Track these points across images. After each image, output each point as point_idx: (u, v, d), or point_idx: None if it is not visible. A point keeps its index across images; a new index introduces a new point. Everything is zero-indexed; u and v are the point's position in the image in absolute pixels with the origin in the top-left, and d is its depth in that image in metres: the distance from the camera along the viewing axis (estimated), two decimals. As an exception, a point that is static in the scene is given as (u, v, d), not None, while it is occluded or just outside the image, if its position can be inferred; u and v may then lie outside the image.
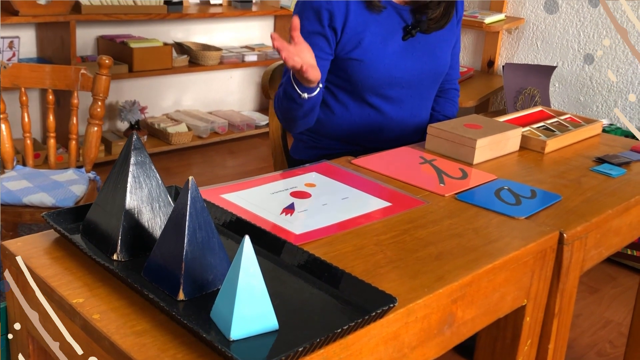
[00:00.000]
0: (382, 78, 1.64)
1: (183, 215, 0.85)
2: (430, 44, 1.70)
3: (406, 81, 1.68)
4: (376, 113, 1.69)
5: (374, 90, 1.65)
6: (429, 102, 1.79)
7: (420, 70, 1.69)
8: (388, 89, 1.66)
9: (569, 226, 1.18)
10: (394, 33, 1.65)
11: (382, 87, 1.65)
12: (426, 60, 1.69)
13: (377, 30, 1.63)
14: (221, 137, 3.96)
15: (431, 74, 1.72)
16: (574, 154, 1.61)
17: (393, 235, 1.09)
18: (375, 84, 1.64)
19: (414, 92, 1.71)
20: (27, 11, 3.02)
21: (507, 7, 3.36)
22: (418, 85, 1.71)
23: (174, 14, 3.56)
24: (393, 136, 1.72)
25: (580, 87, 3.17)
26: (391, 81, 1.65)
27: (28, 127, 2.17)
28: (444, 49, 1.74)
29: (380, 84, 1.65)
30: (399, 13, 1.66)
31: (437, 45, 1.71)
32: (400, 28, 1.66)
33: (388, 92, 1.67)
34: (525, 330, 1.17)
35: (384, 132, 1.71)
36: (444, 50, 1.74)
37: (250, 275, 0.77)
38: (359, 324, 0.81)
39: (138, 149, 0.96)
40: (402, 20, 1.66)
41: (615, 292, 2.59)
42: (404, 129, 1.72)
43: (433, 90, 1.78)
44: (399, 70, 1.65)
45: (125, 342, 0.77)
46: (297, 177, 1.32)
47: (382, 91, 1.66)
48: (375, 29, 1.62)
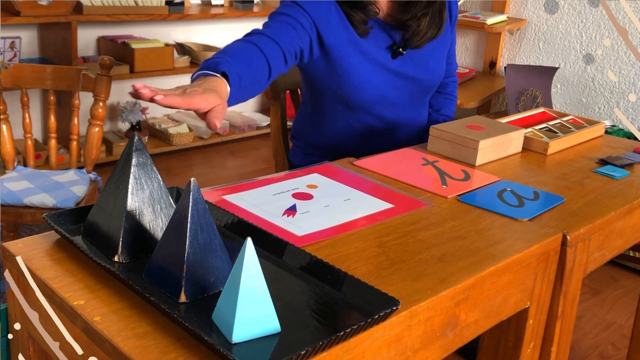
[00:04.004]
0: (374, 100, 1.60)
1: (185, 217, 0.84)
2: (423, 57, 1.63)
3: (399, 99, 1.64)
4: (368, 129, 1.65)
5: (366, 110, 1.62)
6: (424, 107, 1.75)
7: (413, 85, 1.64)
8: (380, 109, 1.62)
9: (572, 228, 1.17)
10: (383, 53, 1.59)
11: (374, 108, 1.61)
12: (420, 74, 1.63)
13: (366, 51, 1.56)
14: (222, 138, 3.96)
15: (426, 87, 1.68)
16: (576, 155, 1.60)
17: (395, 237, 1.09)
18: (367, 104, 1.60)
19: (407, 106, 1.67)
20: (28, 12, 3.02)
21: (509, 8, 3.35)
22: (411, 99, 1.67)
23: (175, 14, 3.56)
24: (386, 143, 1.67)
25: (582, 88, 3.16)
26: (383, 101, 1.61)
27: (29, 128, 2.17)
28: (437, 58, 1.67)
29: (372, 105, 1.61)
30: (386, 31, 1.59)
31: (431, 57, 1.65)
32: (389, 46, 1.59)
33: (380, 111, 1.63)
34: (528, 332, 1.17)
35: (376, 143, 1.66)
36: (437, 59, 1.67)
37: (252, 277, 0.76)
38: (362, 326, 0.81)
39: (140, 150, 0.95)
40: (389, 38, 1.59)
41: (617, 294, 2.59)
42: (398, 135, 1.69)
43: (427, 97, 1.74)
44: (391, 89, 1.61)
45: (127, 345, 0.76)
46: (298, 178, 1.31)
47: (375, 111, 1.62)
48: (364, 50, 1.55)
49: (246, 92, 1.33)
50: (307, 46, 1.51)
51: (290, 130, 1.83)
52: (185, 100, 1.00)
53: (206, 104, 1.03)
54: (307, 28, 1.49)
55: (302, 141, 1.76)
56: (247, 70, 1.33)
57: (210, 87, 1.10)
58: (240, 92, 1.28)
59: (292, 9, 1.49)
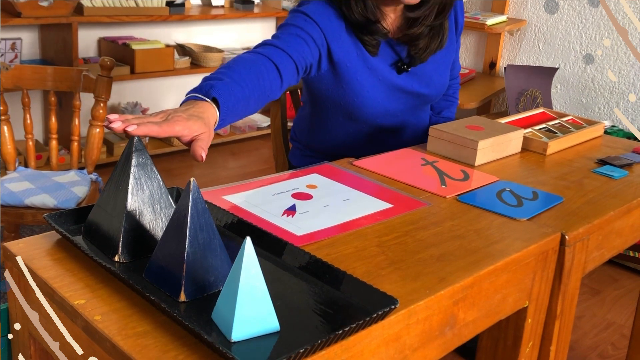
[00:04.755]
0: (378, 113, 1.60)
1: (184, 217, 0.85)
2: (427, 73, 1.63)
3: (403, 112, 1.64)
4: (370, 137, 1.66)
5: (369, 122, 1.62)
6: (426, 112, 1.76)
7: (417, 99, 1.65)
8: (384, 120, 1.63)
9: (571, 228, 1.18)
10: (388, 69, 1.58)
11: (378, 120, 1.62)
12: (424, 89, 1.64)
13: (372, 66, 1.55)
14: (223, 139, 3.96)
15: (429, 100, 1.69)
16: (575, 155, 1.60)
17: (394, 237, 1.09)
18: (371, 118, 1.61)
19: (411, 116, 1.68)
20: (29, 13, 3.03)
21: (509, 8, 3.36)
22: (414, 109, 1.68)
23: (175, 15, 3.57)
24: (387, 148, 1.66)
25: (582, 88, 3.17)
26: (386, 113, 1.62)
27: (30, 129, 2.18)
28: (442, 73, 1.67)
29: (376, 118, 1.61)
30: (391, 47, 1.58)
31: (435, 72, 1.65)
32: (394, 62, 1.59)
33: (384, 122, 1.64)
34: (527, 332, 1.17)
35: (377, 145, 1.67)
36: (442, 74, 1.67)
37: (252, 276, 0.77)
38: (361, 325, 0.81)
39: (139, 150, 0.95)
40: (395, 54, 1.59)
41: (617, 294, 2.59)
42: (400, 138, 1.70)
43: (429, 104, 1.76)
44: (395, 103, 1.61)
45: (127, 344, 0.77)
46: (298, 178, 1.32)
47: (378, 123, 1.63)
48: (370, 66, 1.55)
49: (246, 109, 1.27)
50: (317, 60, 1.50)
51: (290, 131, 1.84)
52: (164, 128, 0.96)
53: (188, 131, 0.99)
54: (318, 42, 1.47)
55: (301, 143, 1.76)
56: (251, 86, 1.27)
57: (196, 113, 1.05)
58: (235, 115, 1.22)
59: (304, 21, 1.46)
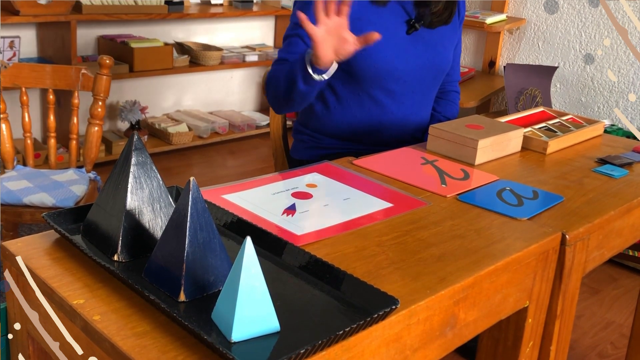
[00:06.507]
0: (384, 69, 1.64)
1: (184, 216, 0.84)
2: (433, 39, 1.71)
3: (408, 74, 1.68)
4: (376, 108, 1.68)
5: (375, 82, 1.65)
6: (429, 100, 1.79)
7: (423, 65, 1.69)
8: (389, 82, 1.66)
9: (571, 227, 1.17)
10: (398, 26, 1.66)
11: (383, 79, 1.65)
12: (429, 55, 1.70)
13: (381, 21, 1.63)
14: (222, 137, 3.95)
15: (433, 70, 1.72)
16: (575, 154, 1.60)
17: (395, 237, 1.09)
18: (376, 75, 1.64)
19: (416, 88, 1.71)
20: (27, 11, 3.02)
21: (509, 7, 3.35)
22: (420, 81, 1.71)
23: (174, 14, 3.56)
24: (393, 134, 1.72)
25: (582, 87, 3.16)
26: (393, 73, 1.65)
27: (28, 127, 2.17)
28: (446, 45, 1.74)
29: (382, 76, 1.64)
30: (402, 6, 1.67)
31: (440, 42, 1.72)
32: (404, 22, 1.67)
33: (389, 85, 1.66)
34: (527, 331, 1.17)
35: (384, 129, 1.71)
36: (446, 47, 1.75)
37: (252, 276, 0.77)
38: (361, 325, 0.81)
39: (139, 149, 0.95)
40: (405, 14, 1.67)
41: (616, 293, 2.59)
42: (404, 127, 1.72)
43: (434, 88, 1.78)
44: (402, 62, 1.65)
45: (126, 344, 0.76)
46: (298, 177, 1.31)
47: (384, 84, 1.66)
48: (379, 21, 1.63)
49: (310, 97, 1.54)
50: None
51: (293, 124, 1.84)
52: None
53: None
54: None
55: (309, 131, 1.76)
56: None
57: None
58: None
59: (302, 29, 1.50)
